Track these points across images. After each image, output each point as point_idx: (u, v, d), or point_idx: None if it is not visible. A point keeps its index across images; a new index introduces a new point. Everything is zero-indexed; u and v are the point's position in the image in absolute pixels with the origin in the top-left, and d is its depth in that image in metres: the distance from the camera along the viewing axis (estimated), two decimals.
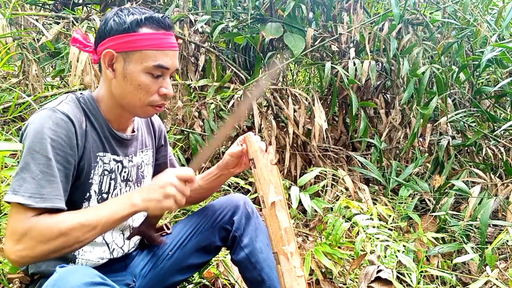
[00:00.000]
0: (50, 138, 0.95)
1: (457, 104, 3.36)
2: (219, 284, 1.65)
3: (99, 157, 1.09)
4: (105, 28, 1.06)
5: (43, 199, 0.93)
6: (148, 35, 1.04)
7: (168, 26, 1.07)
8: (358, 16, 3.09)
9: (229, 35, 2.94)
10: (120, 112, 1.12)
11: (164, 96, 1.09)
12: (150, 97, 1.07)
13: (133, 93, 1.06)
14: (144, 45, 1.03)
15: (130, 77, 1.04)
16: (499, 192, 2.42)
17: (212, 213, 1.33)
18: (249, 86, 2.68)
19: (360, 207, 1.92)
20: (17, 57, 2.49)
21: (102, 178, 1.10)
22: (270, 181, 1.16)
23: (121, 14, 1.05)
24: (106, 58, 1.05)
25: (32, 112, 2.31)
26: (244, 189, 2.51)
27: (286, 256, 1.08)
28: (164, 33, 1.06)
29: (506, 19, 2.84)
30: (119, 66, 1.05)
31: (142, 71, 1.04)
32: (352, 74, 2.76)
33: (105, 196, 1.12)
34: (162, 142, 1.36)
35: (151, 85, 1.06)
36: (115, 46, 1.04)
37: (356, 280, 1.80)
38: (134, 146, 1.21)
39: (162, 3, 3.38)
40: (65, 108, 1.01)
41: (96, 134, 1.09)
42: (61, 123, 0.98)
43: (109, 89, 1.09)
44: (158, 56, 1.04)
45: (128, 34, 1.03)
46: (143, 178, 1.26)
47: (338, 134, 3.24)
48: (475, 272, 2.11)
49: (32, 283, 1.09)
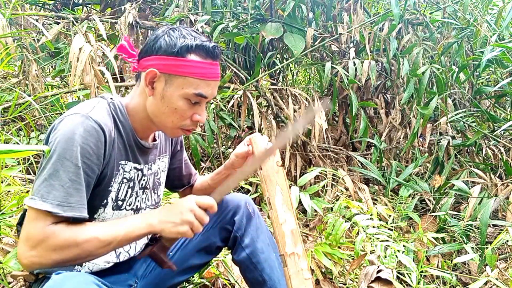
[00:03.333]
0: (80, 146, 0.95)
1: (457, 104, 3.36)
2: (219, 284, 1.64)
3: (121, 165, 1.10)
4: (154, 45, 1.05)
5: (71, 208, 0.93)
6: (195, 63, 1.03)
7: (216, 56, 1.07)
8: (358, 16, 3.09)
9: (229, 35, 2.94)
10: (148, 125, 1.13)
11: (196, 122, 1.10)
12: (183, 121, 1.08)
13: (167, 114, 1.06)
14: (189, 72, 1.03)
15: (168, 100, 1.05)
16: (499, 192, 2.42)
17: (212, 214, 1.33)
18: (249, 86, 2.69)
19: (360, 207, 1.92)
20: (17, 57, 2.49)
21: (120, 186, 1.11)
22: (276, 182, 1.16)
23: (172, 35, 1.05)
24: (149, 76, 1.05)
25: (33, 112, 2.31)
26: (244, 189, 2.51)
27: (294, 258, 1.08)
28: (211, 63, 1.06)
29: (506, 19, 2.84)
30: (160, 86, 1.05)
31: (182, 96, 1.04)
32: (352, 74, 2.76)
33: (120, 203, 1.12)
34: (178, 147, 1.37)
35: (187, 110, 1.06)
36: (160, 66, 1.04)
37: (356, 280, 1.80)
38: (154, 154, 1.22)
39: (162, 3, 3.38)
40: (97, 116, 1.00)
41: (122, 142, 1.09)
42: (92, 131, 0.97)
43: (143, 103, 1.10)
44: (201, 85, 1.04)
45: (176, 58, 1.03)
46: (160, 185, 1.27)
47: (338, 134, 3.24)
48: (475, 272, 2.11)
49: (36, 282, 1.09)
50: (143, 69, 1.06)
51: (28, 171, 2.05)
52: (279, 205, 1.13)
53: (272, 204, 1.14)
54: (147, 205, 1.22)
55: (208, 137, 2.55)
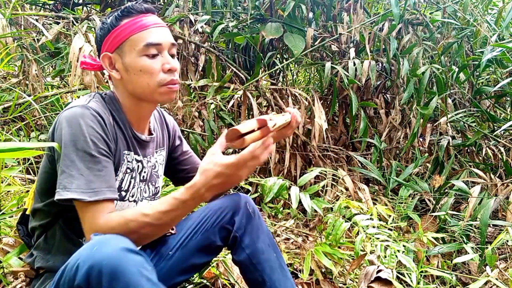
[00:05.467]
0: (88, 134, 0.99)
1: (457, 104, 3.36)
2: (219, 285, 1.64)
3: (124, 155, 1.12)
4: (96, 40, 1.13)
5: (95, 193, 0.96)
6: (128, 23, 1.08)
7: (143, 9, 1.10)
8: (358, 16, 3.09)
9: (229, 35, 2.94)
10: (139, 109, 1.15)
11: (170, 71, 1.10)
12: (156, 77, 1.08)
13: (140, 80, 1.08)
14: (128, 33, 1.07)
15: (131, 67, 1.08)
16: (499, 192, 2.42)
17: (213, 213, 1.33)
18: (249, 86, 2.69)
19: (360, 207, 1.92)
20: (17, 57, 2.49)
21: (124, 176, 1.13)
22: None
23: (103, 20, 1.12)
24: (106, 62, 1.10)
25: (33, 112, 2.31)
26: (244, 189, 2.51)
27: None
28: (143, 15, 1.10)
29: (506, 19, 2.84)
30: (118, 64, 1.09)
31: (137, 55, 1.07)
32: (352, 74, 2.76)
33: (124, 194, 1.13)
34: (177, 142, 1.37)
35: (152, 65, 1.08)
36: (108, 47, 1.09)
37: (356, 280, 1.80)
38: (151, 147, 1.23)
39: (162, 3, 3.38)
40: (94, 106, 1.04)
41: (122, 133, 1.12)
42: (94, 119, 1.01)
43: (123, 90, 1.13)
44: (144, 36, 1.08)
45: (112, 32, 1.08)
46: (158, 178, 1.28)
47: (338, 134, 3.24)
48: (475, 272, 2.11)
49: (36, 278, 1.09)
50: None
51: (28, 171, 2.05)
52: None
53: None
54: (143, 197, 1.23)
55: (208, 137, 2.55)
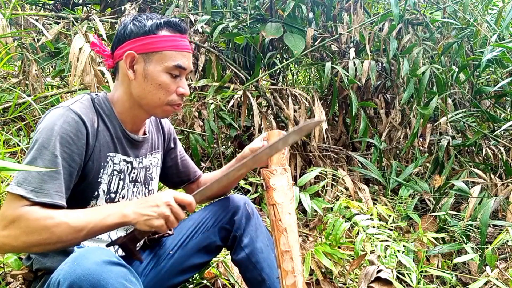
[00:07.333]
0: (59, 136, 0.98)
1: (457, 104, 3.36)
2: (219, 284, 1.64)
3: (109, 157, 1.11)
4: (125, 32, 1.11)
5: (43, 194, 0.95)
6: (167, 37, 1.09)
7: (184, 30, 1.13)
8: (358, 16, 3.09)
9: (229, 35, 2.94)
10: (136, 113, 1.15)
11: (182, 95, 1.14)
12: (169, 96, 1.12)
13: (153, 92, 1.10)
14: (164, 46, 1.09)
15: (151, 77, 1.09)
16: (499, 192, 2.42)
17: (212, 213, 1.34)
18: (249, 86, 2.68)
19: (360, 207, 1.92)
20: (17, 57, 2.49)
21: (111, 178, 1.12)
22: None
23: (140, 19, 1.11)
24: (128, 59, 1.09)
25: (33, 112, 2.31)
26: (244, 189, 2.51)
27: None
28: (181, 36, 1.12)
29: (506, 19, 2.84)
30: (140, 67, 1.10)
31: (163, 70, 1.09)
32: (352, 74, 2.76)
33: (113, 195, 1.14)
34: (171, 145, 1.38)
35: (171, 84, 1.11)
36: (136, 48, 1.09)
37: (356, 280, 1.80)
38: (145, 148, 1.23)
39: (162, 3, 3.38)
40: (78, 107, 1.04)
41: (109, 134, 1.11)
42: (72, 122, 1.01)
43: (127, 91, 1.13)
44: (177, 57, 1.10)
45: (148, 36, 1.08)
46: (151, 180, 1.28)
47: (338, 134, 3.24)
48: (475, 272, 2.11)
49: (35, 280, 1.09)
50: (120, 58, 1.11)
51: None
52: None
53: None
54: (136, 198, 1.23)
55: (208, 137, 2.54)
